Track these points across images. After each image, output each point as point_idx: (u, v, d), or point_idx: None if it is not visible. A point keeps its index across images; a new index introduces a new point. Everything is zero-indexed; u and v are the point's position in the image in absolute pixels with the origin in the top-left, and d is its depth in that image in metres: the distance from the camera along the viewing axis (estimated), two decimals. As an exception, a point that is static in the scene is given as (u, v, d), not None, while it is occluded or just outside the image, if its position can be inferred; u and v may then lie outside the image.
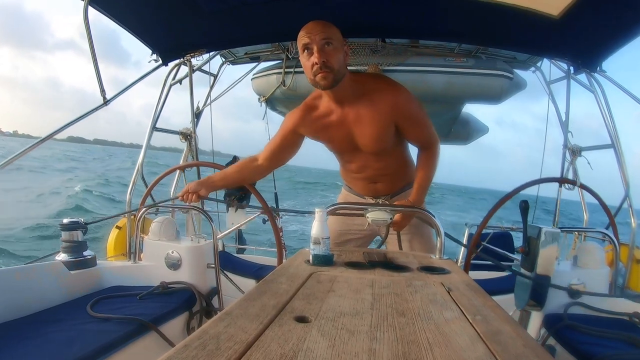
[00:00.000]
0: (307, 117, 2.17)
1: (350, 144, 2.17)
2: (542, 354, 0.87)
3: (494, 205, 2.57)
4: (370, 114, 2.06)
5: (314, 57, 1.88)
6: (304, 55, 1.92)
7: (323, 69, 1.88)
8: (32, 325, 1.87)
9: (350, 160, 2.31)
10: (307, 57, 1.91)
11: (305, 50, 1.91)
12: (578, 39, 2.80)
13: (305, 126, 2.18)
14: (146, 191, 2.91)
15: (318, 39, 1.89)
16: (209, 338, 0.85)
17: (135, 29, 2.94)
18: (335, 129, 2.14)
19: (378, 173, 2.33)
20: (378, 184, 2.38)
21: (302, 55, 1.94)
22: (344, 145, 2.21)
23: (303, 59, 1.94)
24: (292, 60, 4.08)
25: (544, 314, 2.22)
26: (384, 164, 2.28)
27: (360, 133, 2.12)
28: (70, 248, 2.45)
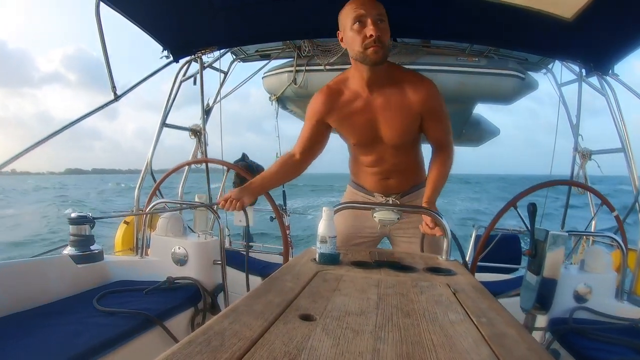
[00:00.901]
0: (332, 102, 2.07)
1: (372, 132, 2.08)
2: (547, 358, 0.87)
3: (502, 208, 2.56)
4: (400, 102, 2.01)
5: (368, 29, 1.79)
6: (354, 28, 1.82)
7: (377, 42, 1.80)
8: (39, 318, 1.88)
9: (367, 152, 2.21)
10: (359, 29, 1.82)
11: (356, 22, 1.82)
12: (590, 42, 2.79)
13: (331, 112, 2.08)
14: (154, 187, 2.93)
15: (374, 12, 1.81)
16: (213, 334, 0.85)
17: (147, 25, 2.95)
18: (359, 115, 2.05)
19: (392, 169, 2.24)
20: (390, 180, 2.29)
21: (351, 28, 1.83)
22: (366, 134, 2.10)
23: (352, 31, 1.84)
24: (304, 59, 4.08)
25: (549, 317, 2.21)
26: (399, 159, 2.21)
27: (385, 121, 2.05)
28: (78, 242, 2.48)
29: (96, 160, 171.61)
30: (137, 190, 3.33)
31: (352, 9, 1.83)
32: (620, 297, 2.34)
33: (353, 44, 1.85)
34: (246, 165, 4.29)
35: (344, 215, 2.33)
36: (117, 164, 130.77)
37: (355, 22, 1.82)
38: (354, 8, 1.82)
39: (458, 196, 38.39)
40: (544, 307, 2.17)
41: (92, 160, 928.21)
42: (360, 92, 2.02)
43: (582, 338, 1.95)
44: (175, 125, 3.75)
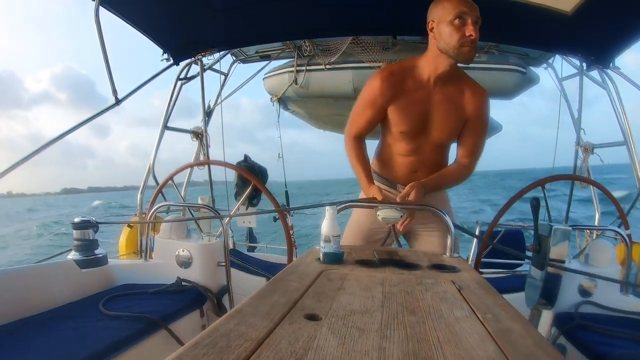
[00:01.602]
0: (396, 87, 2.07)
1: (423, 124, 2.12)
2: (553, 353, 0.87)
3: (505, 204, 2.56)
4: (456, 103, 2.08)
5: (469, 28, 1.83)
6: (455, 23, 1.85)
7: (473, 43, 1.86)
8: (44, 323, 1.89)
9: (409, 142, 2.20)
10: (459, 26, 1.85)
11: (457, 19, 1.84)
12: (591, 35, 2.78)
13: (393, 96, 2.08)
14: (157, 190, 2.93)
15: (474, 14, 1.86)
16: (219, 336, 0.85)
17: (146, 28, 2.96)
18: (418, 105, 2.08)
19: (424, 163, 2.25)
20: (417, 174, 2.25)
21: (450, 22, 1.86)
22: (417, 125, 2.12)
23: (451, 26, 1.86)
24: (304, 59, 4.09)
25: (554, 312, 2.20)
26: (433, 156, 2.24)
27: (438, 117, 2.10)
28: (82, 246, 2.48)
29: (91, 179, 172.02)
30: (140, 194, 3.33)
31: (455, 5, 1.85)
32: (625, 291, 2.33)
33: (450, 37, 1.87)
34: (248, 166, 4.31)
35: (364, 213, 2.39)
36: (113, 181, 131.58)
37: (456, 17, 1.84)
38: (457, 4, 1.85)
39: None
40: (549, 302, 2.17)
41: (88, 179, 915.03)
42: (424, 83, 2.06)
43: (589, 332, 1.94)
44: (176, 128, 3.75)
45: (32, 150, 2.55)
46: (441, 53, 1.95)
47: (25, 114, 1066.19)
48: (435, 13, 1.94)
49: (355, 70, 3.93)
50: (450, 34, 1.86)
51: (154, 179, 3.37)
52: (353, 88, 3.94)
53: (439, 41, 1.93)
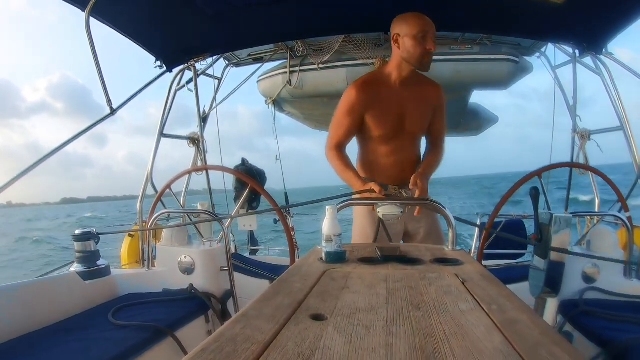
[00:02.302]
0: (369, 95, 2.31)
1: (399, 122, 2.35)
2: (560, 341, 0.87)
3: (505, 194, 2.56)
4: (422, 97, 2.37)
5: (430, 43, 2.16)
6: (418, 39, 2.16)
7: (431, 55, 2.20)
8: (49, 337, 1.88)
9: (390, 142, 2.41)
10: (421, 42, 2.16)
11: (421, 34, 2.16)
12: (582, 22, 2.78)
13: (369, 104, 2.32)
14: (156, 198, 2.93)
15: (433, 31, 2.19)
16: (225, 340, 0.85)
17: (138, 37, 2.95)
18: (390, 107, 2.32)
19: (407, 159, 2.46)
20: (405, 172, 2.39)
21: (414, 37, 2.16)
22: (393, 124, 2.35)
23: (415, 40, 2.16)
24: (297, 59, 4.08)
25: (559, 300, 2.21)
26: (412, 149, 2.48)
27: (411, 112, 2.35)
28: (84, 258, 2.48)
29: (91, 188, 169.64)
30: (139, 203, 3.33)
31: (419, 23, 2.18)
32: (628, 275, 2.33)
33: (414, 49, 2.18)
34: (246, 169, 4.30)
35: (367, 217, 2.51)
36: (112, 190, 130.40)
37: (420, 34, 2.16)
38: (421, 23, 2.18)
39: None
40: (553, 291, 2.17)
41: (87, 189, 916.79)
42: (392, 87, 2.32)
43: (594, 318, 1.94)
44: (173, 135, 3.75)
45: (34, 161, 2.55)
46: (404, 61, 2.25)
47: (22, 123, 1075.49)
48: (400, 28, 2.23)
49: (348, 68, 3.93)
50: (415, 46, 2.18)
51: (152, 187, 3.36)
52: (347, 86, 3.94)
53: (403, 51, 2.22)
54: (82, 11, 2.44)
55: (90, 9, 2.41)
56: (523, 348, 0.82)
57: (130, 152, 78.27)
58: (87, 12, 2.43)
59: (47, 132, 78.26)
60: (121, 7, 2.61)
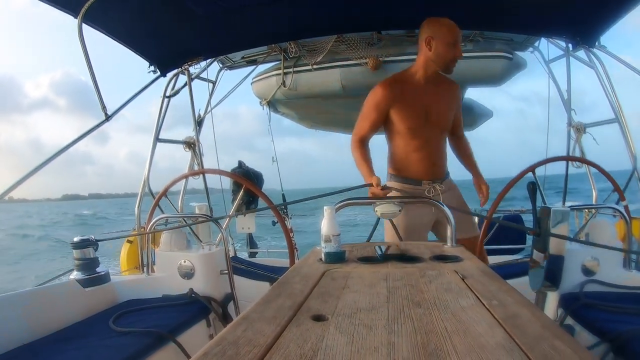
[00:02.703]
0: (396, 91, 2.45)
1: (425, 116, 2.47)
2: (562, 334, 0.87)
3: (503, 189, 2.56)
4: (446, 95, 2.55)
5: (458, 51, 2.37)
6: (450, 45, 2.34)
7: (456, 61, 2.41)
8: (50, 346, 1.88)
9: (418, 135, 2.50)
10: (452, 49, 2.35)
11: (452, 41, 2.34)
12: (575, 16, 2.79)
13: (395, 99, 2.45)
14: (154, 203, 2.92)
15: (461, 39, 2.41)
16: (227, 344, 0.85)
17: (131, 42, 2.95)
18: (416, 100, 2.45)
19: (437, 153, 2.59)
20: (435, 166, 2.58)
21: (447, 42, 2.34)
22: (419, 115, 2.47)
23: (446, 45, 2.34)
24: (290, 61, 4.08)
25: (559, 294, 2.21)
26: (440, 144, 2.60)
27: (437, 107, 2.50)
28: (83, 265, 2.46)
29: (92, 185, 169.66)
30: (137, 208, 3.32)
31: (452, 30, 2.36)
32: (628, 267, 2.34)
33: (444, 53, 2.36)
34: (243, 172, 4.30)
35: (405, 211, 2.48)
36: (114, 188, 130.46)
37: (451, 40, 2.34)
38: (455, 31, 2.37)
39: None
40: (553, 284, 2.18)
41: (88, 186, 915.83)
42: (417, 85, 2.47)
43: (595, 311, 1.95)
44: (168, 140, 3.74)
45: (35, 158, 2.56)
46: (431, 61, 2.40)
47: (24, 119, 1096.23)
48: (434, 31, 2.36)
49: (342, 69, 3.92)
50: (447, 52, 2.35)
51: (150, 192, 3.35)
52: (341, 86, 3.94)
53: (434, 53, 2.36)
54: (74, 18, 2.43)
55: (82, 16, 2.41)
56: (525, 342, 0.82)
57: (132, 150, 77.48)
58: (80, 19, 2.42)
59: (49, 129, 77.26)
60: (113, 13, 2.60)
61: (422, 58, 2.42)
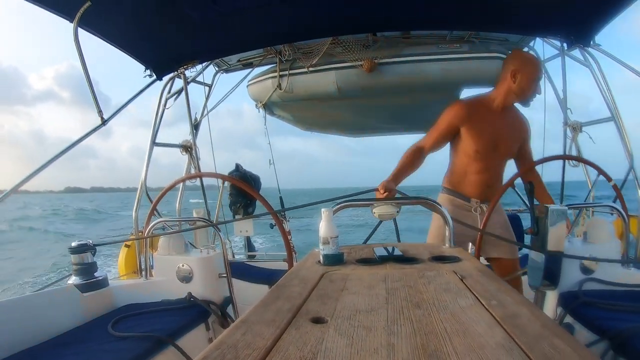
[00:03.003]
0: (472, 112, 2.53)
1: (493, 143, 2.55)
2: (561, 333, 0.87)
3: (499, 189, 2.57)
4: (517, 127, 2.65)
5: (539, 88, 2.50)
6: (534, 82, 2.46)
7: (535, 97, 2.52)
8: (49, 351, 1.87)
9: (483, 159, 2.58)
10: (535, 85, 2.47)
11: (536, 78, 2.46)
12: (569, 15, 2.79)
13: (468, 120, 2.53)
14: (151, 207, 2.91)
15: None
16: (227, 348, 0.85)
17: (126, 46, 2.94)
18: (488, 126, 2.53)
19: (494, 177, 2.66)
20: (490, 188, 2.65)
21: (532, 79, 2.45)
22: (488, 142, 2.54)
23: (530, 81, 2.45)
24: (286, 63, 4.08)
25: (558, 292, 2.21)
26: (499, 170, 2.69)
27: (507, 137, 2.59)
28: (81, 270, 2.46)
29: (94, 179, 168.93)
30: (135, 212, 3.31)
31: (538, 68, 2.49)
32: (626, 265, 2.34)
33: (527, 88, 2.46)
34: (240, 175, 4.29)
35: None
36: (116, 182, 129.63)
37: (536, 77, 2.46)
38: (539, 68, 2.50)
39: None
40: (552, 283, 2.18)
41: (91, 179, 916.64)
42: (494, 111, 2.56)
43: (594, 309, 1.95)
44: (165, 144, 3.73)
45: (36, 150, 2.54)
46: (512, 93, 2.50)
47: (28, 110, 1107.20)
48: (521, 66, 2.45)
49: (337, 71, 3.92)
50: (529, 86, 2.45)
51: (147, 197, 3.34)
52: (337, 88, 3.94)
53: (517, 86, 2.46)
54: (70, 22, 2.43)
55: (78, 20, 2.40)
56: (525, 341, 0.82)
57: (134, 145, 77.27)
58: (75, 24, 2.42)
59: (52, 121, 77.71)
60: (109, 17, 2.60)
61: (504, 88, 2.51)
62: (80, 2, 2.33)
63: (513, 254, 2.64)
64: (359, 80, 3.84)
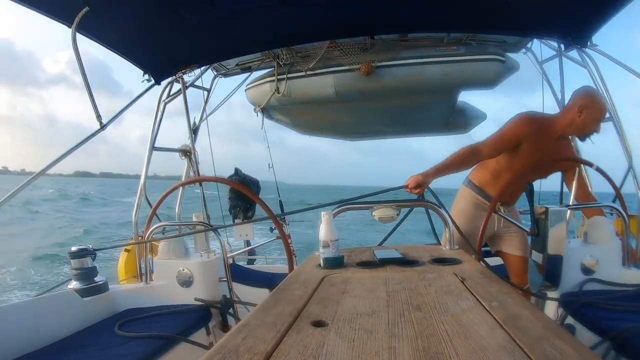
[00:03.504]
0: (536, 131, 2.56)
1: (538, 163, 2.58)
2: (563, 334, 0.87)
3: (499, 190, 2.57)
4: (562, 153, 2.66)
5: (599, 127, 2.53)
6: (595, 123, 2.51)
7: None
8: (51, 355, 1.87)
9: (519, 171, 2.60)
10: (596, 125, 2.51)
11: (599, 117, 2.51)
12: (566, 16, 2.80)
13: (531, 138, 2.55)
14: (151, 212, 2.91)
15: None
16: (227, 352, 0.85)
17: (125, 51, 2.94)
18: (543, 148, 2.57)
19: (522, 189, 2.62)
20: (513, 196, 2.78)
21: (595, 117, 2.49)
22: (534, 160, 2.57)
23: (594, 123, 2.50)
24: (284, 67, 4.08)
25: (559, 293, 2.21)
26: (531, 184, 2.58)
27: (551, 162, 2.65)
28: (81, 275, 2.45)
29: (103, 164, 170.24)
30: (134, 216, 3.30)
31: (603, 111, 2.57)
32: (627, 264, 2.34)
33: (589, 125, 2.51)
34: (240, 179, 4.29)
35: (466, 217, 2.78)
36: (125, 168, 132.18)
37: (600, 118, 2.52)
38: (604, 111, 2.58)
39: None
40: (553, 284, 2.18)
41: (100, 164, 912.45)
42: (551, 136, 2.60)
43: (594, 309, 1.95)
44: (164, 148, 3.73)
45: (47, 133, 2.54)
46: (574, 126, 2.53)
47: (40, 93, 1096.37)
48: (589, 104, 2.49)
49: (335, 74, 3.92)
50: (592, 126, 2.51)
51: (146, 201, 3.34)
52: (335, 91, 3.93)
53: (581, 122, 2.50)
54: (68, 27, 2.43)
55: (76, 25, 2.40)
56: (526, 343, 0.82)
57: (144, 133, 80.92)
58: (74, 29, 2.42)
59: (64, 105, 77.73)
60: (107, 22, 2.60)
61: (569, 119, 2.54)
62: (79, 7, 2.33)
63: (524, 252, 2.67)
64: (356, 84, 3.83)
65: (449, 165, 2.52)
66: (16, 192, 2.50)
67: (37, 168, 2.74)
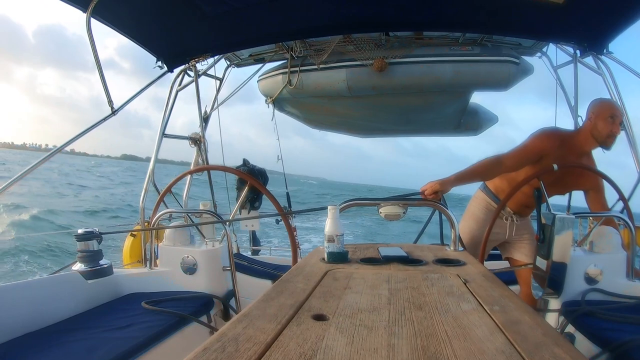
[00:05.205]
0: (557, 146, 2.55)
1: (557, 180, 2.57)
2: (562, 342, 0.87)
3: (505, 196, 2.56)
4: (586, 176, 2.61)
5: (615, 127, 2.48)
6: (609, 120, 2.46)
7: (614, 137, 2.50)
8: (52, 336, 1.88)
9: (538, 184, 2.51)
10: (610, 124, 2.46)
11: (610, 117, 2.46)
12: (583, 22, 2.78)
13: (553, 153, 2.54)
14: (159, 198, 2.92)
15: (620, 117, 2.53)
16: (227, 340, 0.85)
17: (139, 37, 2.95)
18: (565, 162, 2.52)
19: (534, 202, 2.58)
20: (527, 209, 2.80)
21: (605, 118, 2.46)
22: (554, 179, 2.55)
23: (605, 121, 2.46)
24: (297, 60, 4.07)
25: (561, 301, 2.20)
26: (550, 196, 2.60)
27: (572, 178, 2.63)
28: (86, 257, 2.47)
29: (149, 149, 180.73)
30: (142, 202, 3.32)
31: (610, 107, 2.53)
32: (631, 276, 2.33)
33: (603, 129, 2.48)
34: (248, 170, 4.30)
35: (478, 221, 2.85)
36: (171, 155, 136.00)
37: (608, 114, 2.47)
38: (611, 107, 2.54)
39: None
40: (555, 291, 2.17)
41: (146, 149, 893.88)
42: (572, 152, 2.59)
43: (596, 319, 1.94)
44: (174, 135, 3.75)
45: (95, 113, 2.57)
46: (591, 137, 2.52)
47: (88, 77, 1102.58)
48: (596, 106, 2.54)
49: (348, 69, 3.91)
50: (604, 127, 2.47)
51: (154, 187, 3.36)
52: (347, 86, 3.92)
53: (593, 129, 2.50)
54: (83, 12, 2.44)
55: (91, 10, 2.42)
56: (525, 349, 0.82)
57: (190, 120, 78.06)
58: (88, 14, 2.43)
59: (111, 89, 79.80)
60: (122, 8, 2.61)
61: (586, 131, 2.55)
62: None
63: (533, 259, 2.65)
64: (369, 79, 3.82)
65: (471, 174, 2.53)
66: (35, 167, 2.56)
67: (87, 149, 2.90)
